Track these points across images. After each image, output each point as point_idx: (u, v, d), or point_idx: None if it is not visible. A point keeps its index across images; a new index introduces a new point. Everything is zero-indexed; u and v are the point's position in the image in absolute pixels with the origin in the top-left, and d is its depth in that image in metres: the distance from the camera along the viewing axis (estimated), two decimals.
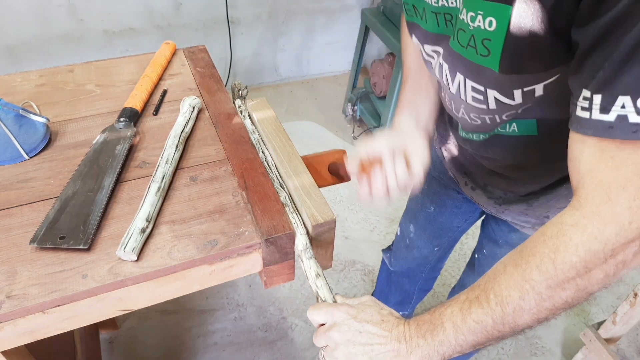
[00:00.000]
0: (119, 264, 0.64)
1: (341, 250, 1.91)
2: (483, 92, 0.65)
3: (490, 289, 0.53)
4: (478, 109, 0.69)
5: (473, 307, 0.53)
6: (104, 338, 1.58)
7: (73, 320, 0.63)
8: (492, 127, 0.73)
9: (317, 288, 0.65)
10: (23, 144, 0.80)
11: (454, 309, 0.54)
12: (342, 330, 0.57)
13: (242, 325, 1.65)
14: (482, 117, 0.71)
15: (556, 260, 0.49)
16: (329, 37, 2.81)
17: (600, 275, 0.49)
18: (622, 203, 0.47)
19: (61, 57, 2.28)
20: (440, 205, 1.11)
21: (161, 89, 0.99)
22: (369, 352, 0.56)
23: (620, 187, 0.47)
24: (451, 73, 0.69)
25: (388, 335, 0.56)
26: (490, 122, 0.71)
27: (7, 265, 0.63)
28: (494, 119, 0.70)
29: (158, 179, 0.73)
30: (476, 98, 0.67)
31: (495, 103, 0.65)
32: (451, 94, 0.72)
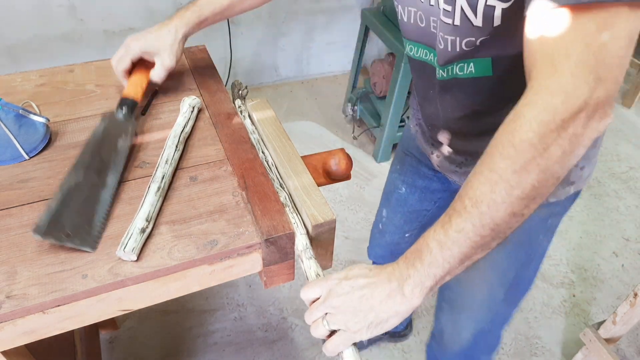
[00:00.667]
0: (119, 264, 0.64)
1: (341, 250, 1.91)
2: (452, 1, 0.64)
3: (465, 195, 0.53)
4: (446, 26, 0.68)
5: (452, 218, 0.53)
6: (104, 338, 1.58)
7: (73, 320, 0.63)
8: (453, 58, 0.72)
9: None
10: (23, 144, 0.80)
11: (436, 227, 0.55)
12: (338, 293, 0.59)
13: (242, 325, 1.65)
14: (446, 39, 0.70)
15: (514, 140, 0.50)
16: (329, 37, 2.81)
17: (558, 152, 0.49)
18: (566, 72, 0.47)
19: (61, 57, 2.28)
20: (411, 185, 1.11)
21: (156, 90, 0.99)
22: (367, 301, 0.57)
23: (564, 56, 0.47)
24: None
25: (377, 279, 0.58)
26: (451, 48, 0.70)
27: (7, 265, 0.63)
28: (455, 44, 0.69)
29: (158, 179, 0.73)
30: (446, 10, 0.66)
31: (460, 17, 0.65)
32: (429, 8, 0.71)
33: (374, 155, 2.38)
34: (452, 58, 0.72)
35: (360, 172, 2.28)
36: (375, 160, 2.36)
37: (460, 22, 0.65)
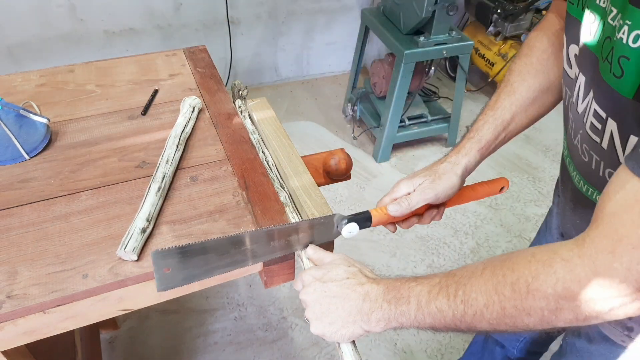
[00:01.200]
0: (119, 263, 0.64)
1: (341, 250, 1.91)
2: (603, 120, 0.56)
3: (462, 285, 0.53)
4: (591, 142, 0.60)
5: (440, 295, 0.54)
6: (104, 338, 1.58)
7: (73, 320, 0.63)
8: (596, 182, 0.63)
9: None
10: (23, 144, 0.80)
11: (424, 288, 0.55)
12: (309, 292, 0.61)
13: (242, 325, 1.65)
14: (591, 156, 0.62)
15: (532, 285, 0.48)
16: (329, 37, 2.81)
17: (570, 317, 0.47)
18: (624, 262, 0.44)
19: (61, 57, 2.28)
20: None
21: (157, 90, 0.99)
22: (335, 311, 0.58)
23: (631, 246, 0.44)
24: (586, 88, 0.60)
25: (352, 292, 0.59)
26: (594, 167, 0.62)
27: (7, 265, 0.63)
28: (599, 167, 0.61)
29: (158, 179, 0.74)
30: (594, 126, 0.58)
31: (609, 141, 0.57)
32: (576, 114, 0.64)
33: (374, 155, 2.38)
34: (594, 182, 0.64)
35: (360, 172, 2.28)
36: (375, 160, 2.36)
37: (608, 146, 0.58)
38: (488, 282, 0.51)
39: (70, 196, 0.74)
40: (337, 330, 0.58)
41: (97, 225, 0.70)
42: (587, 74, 0.59)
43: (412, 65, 2.03)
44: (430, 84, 2.75)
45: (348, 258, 0.64)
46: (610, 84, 0.52)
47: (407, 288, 0.56)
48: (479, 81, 2.95)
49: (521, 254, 0.52)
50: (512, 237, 2.00)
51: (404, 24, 2.05)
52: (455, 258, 1.90)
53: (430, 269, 1.85)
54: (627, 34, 0.48)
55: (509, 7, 2.35)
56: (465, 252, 1.93)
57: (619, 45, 0.49)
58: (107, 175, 0.79)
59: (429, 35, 2.00)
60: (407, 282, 0.57)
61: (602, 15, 0.55)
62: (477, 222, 2.05)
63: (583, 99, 0.61)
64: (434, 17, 1.93)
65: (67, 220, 0.70)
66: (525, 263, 0.50)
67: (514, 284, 0.49)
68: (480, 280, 0.52)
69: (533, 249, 0.51)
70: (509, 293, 0.49)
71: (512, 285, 0.49)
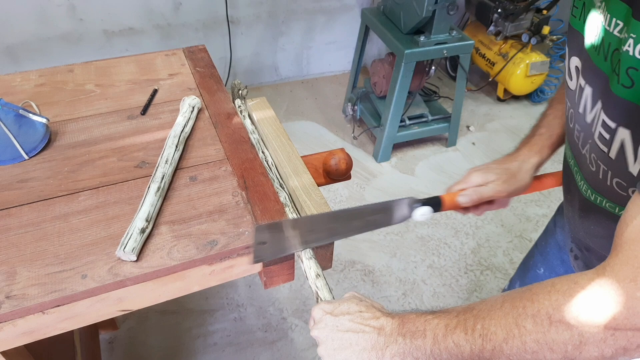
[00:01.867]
0: (119, 264, 0.64)
1: (341, 251, 1.91)
2: (612, 130, 0.56)
3: (480, 319, 0.51)
4: (599, 152, 0.60)
5: (458, 329, 0.52)
6: (104, 338, 1.57)
7: (73, 320, 0.63)
8: (603, 191, 0.63)
9: (316, 288, 0.65)
10: (23, 144, 0.80)
11: (441, 322, 0.53)
12: (320, 327, 0.58)
13: (242, 326, 1.65)
14: (598, 165, 0.62)
15: (553, 317, 0.47)
16: (329, 37, 2.81)
17: (595, 353, 0.45)
18: None
19: (61, 57, 2.28)
20: (550, 269, 0.99)
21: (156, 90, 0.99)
22: (348, 346, 0.56)
23: None
24: (594, 98, 0.60)
25: (366, 327, 0.56)
26: (602, 177, 0.62)
27: (6, 265, 0.63)
28: (606, 176, 0.61)
29: (158, 179, 0.73)
30: (602, 136, 0.58)
31: (618, 151, 0.56)
32: (584, 124, 0.63)
33: (374, 155, 2.38)
34: (602, 190, 0.64)
35: (360, 172, 2.28)
36: (375, 160, 2.36)
37: (616, 157, 0.57)
38: (508, 315, 0.49)
39: (70, 196, 0.74)
40: None
41: (97, 225, 0.69)
42: (594, 86, 0.59)
43: (413, 64, 2.03)
44: (430, 84, 2.75)
45: (357, 294, 0.62)
46: (619, 95, 0.52)
47: (423, 321, 0.54)
48: (479, 81, 2.94)
49: (540, 285, 0.50)
50: (513, 237, 1.99)
51: (405, 24, 2.05)
52: (455, 258, 1.90)
53: (430, 270, 1.84)
54: (633, 47, 0.49)
55: (510, 7, 2.35)
56: (465, 253, 1.92)
57: (625, 57, 0.50)
58: (106, 175, 0.78)
59: (430, 34, 2.00)
60: (422, 315, 0.55)
61: (604, 28, 0.55)
62: (478, 223, 2.05)
63: (591, 110, 0.60)
64: (435, 16, 1.93)
65: (67, 220, 0.70)
66: (545, 294, 0.49)
67: (535, 316, 0.47)
68: (499, 313, 0.50)
69: (552, 280, 0.50)
70: (530, 326, 0.47)
71: (533, 317, 0.48)
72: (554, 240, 0.97)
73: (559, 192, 2.21)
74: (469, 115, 2.68)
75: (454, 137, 2.43)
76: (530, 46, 2.48)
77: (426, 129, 2.35)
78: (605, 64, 0.55)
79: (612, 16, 0.53)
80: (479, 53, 2.72)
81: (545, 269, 1.00)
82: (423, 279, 1.82)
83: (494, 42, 2.61)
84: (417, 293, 1.77)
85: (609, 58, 0.55)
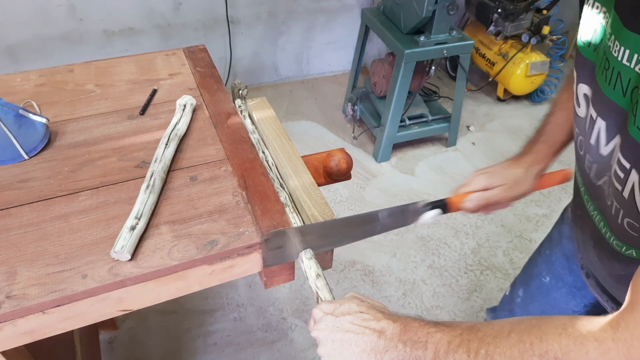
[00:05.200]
0: (119, 264, 0.64)
1: (341, 251, 1.91)
2: (627, 170, 0.54)
3: (485, 344, 0.51)
4: (614, 189, 0.58)
5: (461, 348, 0.51)
6: (104, 338, 1.57)
7: (73, 320, 0.63)
8: (612, 224, 0.62)
9: (317, 289, 0.65)
10: (23, 144, 0.80)
11: (444, 338, 0.53)
12: (320, 327, 0.58)
13: (242, 326, 1.65)
14: (612, 201, 0.60)
15: None
16: (329, 37, 2.81)
17: None
18: None
19: (61, 57, 2.28)
20: (557, 278, 0.96)
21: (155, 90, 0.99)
22: (347, 347, 0.56)
23: None
24: (609, 133, 0.58)
25: (365, 328, 0.56)
26: (614, 213, 0.60)
27: (6, 265, 0.63)
28: (618, 214, 0.59)
29: (147, 177, 0.74)
30: (617, 175, 0.56)
31: (630, 192, 0.55)
32: (598, 156, 0.61)
33: (374, 155, 2.38)
34: (613, 227, 0.62)
35: (360, 172, 2.28)
36: (375, 160, 2.36)
37: (629, 197, 0.55)
38: (514, 347, 0.49)
39: (70, 196, 0.74)
40: None
41: (97, 225, 0.69)
42: (609, 121, 0.57)
43: (413, 64, 2.03)
44: (430, 84, 2.75)
45: (358, 295, 0.62)
46: (635, 137, 0.51)
47: (426, 333, 0.54)
48: (479, 81, 2.94)
49: (551, 323, 0.50)
50: (513, 238, 1.99)
51: (405, 24, 2.05)
52: (455, 259, 1.90)
53: (430, 270, 1.84)
54: None
55: (510, 7, 2.35)
56: (465, 253, 1.92)
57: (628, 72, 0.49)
58: (106, 175, 0.78)
59: (430, 34, 2.00)
60: (426, 325, 0.55)
61: (620, 62, 0.53)
62: (478, 223, 2.05)
63: (606, 144, 0.59)
64: (435, 16, 1.93)
65: (67, 220, 0.70)
66: (556, 336, 0.48)
67: (542, 355, 0.47)
68: (505, 342, 0.50)
69: (563, 320, 0.49)
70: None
71: (540, 357, 0.47)
72: (560, 249, 0.95)
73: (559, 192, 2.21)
74: (469, 115, 2.68)
75: (454, 137, 2.43)
76: (530, 46, 2.48)
77: (426, 129, 2.35)
78: (624, 100, 0.53)
79: (632, 51, 0.51)
80: (479, 53, 2.72)
81: (551, 277, 0.98)
82: (423, 279, 1.81)
83: (494, 42, 2.61)
84: (417, 293, 1.77)
85: (627, 94, 0.53)
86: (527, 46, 2.48)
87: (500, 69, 2.57)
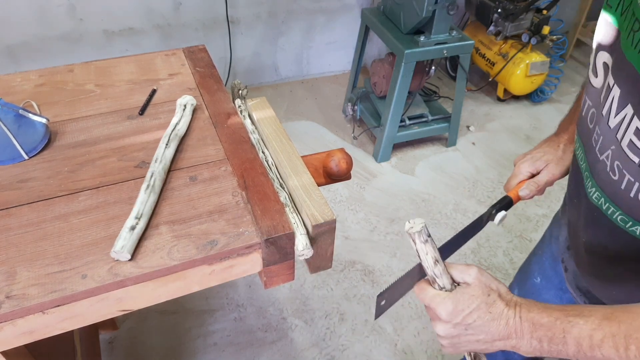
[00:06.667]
0: (119, 264, 0.64)
1: (341, 251, 1.91)
2: None
3: (634, 340, 0.48)
4: (627, 161, 0.55)
5: (606, 343, 0.50)
6: (104, 338, 1.57)
7: (73, 320, 0.63)
8: (619, 199, 0.60)
9: (435, 276, 0.60)
10: (22, 144, 0.80)
11: (583, 332, 0.51)
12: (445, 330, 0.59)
13: (242, 326, 1.65)
14: (623, 175, 0.57)
15: None
16: (329, 37, 2.81)
17: None
18: None
19: (61, 57, 2.28)
20: (547, 279, 0.97)
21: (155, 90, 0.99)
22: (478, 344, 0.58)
23: None
24: (621, 101, 0.56)
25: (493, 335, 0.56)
26: (625, 187, 0.58)
27: (6, 265, 0.63)
28: (631, 187, 0.57)
29: (147, 178, 0.74)
30: (634, 145, 0.53)
31: None
32: (606, 128, 0.59)
33: (374, 155, 2.38)
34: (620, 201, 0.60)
35: (360, 172, 2.28)
36: (375, 160, 2.36)
37: None
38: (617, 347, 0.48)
39: (70, 196, 0.74)
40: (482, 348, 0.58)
41: (97, 225, 0.69)
42: (624, 87, 0.55)
43: (413, 64, 2.03)
44: (430, 84, 2.75)
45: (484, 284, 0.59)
46: None
47: (561, 329, 0.52)
48: (479, 81, 2.94)
49: None
50: (513, 237, 1.99)
51: (405, 24, 2.05)
52: (455, 258, 1.90)
53: None
54: None
55: (510, 7, 2.35)
56: (465, 253, 1.92)
57: None
58: (106, 175, 0.78)
59: (430, 34, 2.00)
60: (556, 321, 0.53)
61: None
62: None
63: (616, 114, 0.57)
64: (435, 16, 1.93)
65: (67, 220, 0.70)
66: None
67: None
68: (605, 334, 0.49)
69: None
70: None
71: None
72: (549, 250, 0.96)
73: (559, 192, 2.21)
74: (469, 115, 2.68)
75: (454, 137, 2.43)
76: (530, 46, 2.48)
77: (426, 129, 2.35)
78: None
79: None
80: (479, 53, 2.72)
81: (542, 278, 0.99)
82: None
83: (494, 42, 2.61)
84: None
85: None
86: (527, 46, 2.48)
87: (500, 69, 2.57)
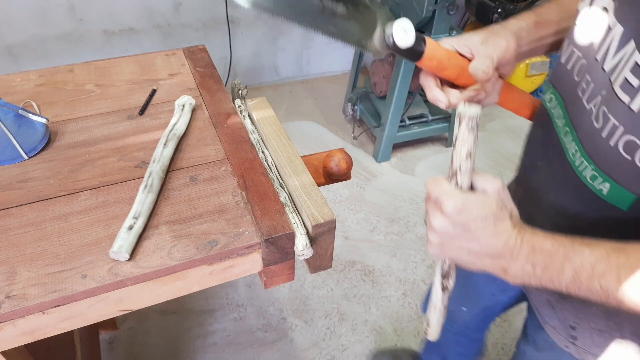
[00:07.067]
0: (119, 264, 0.64)
1: (341, 251, 1.91)
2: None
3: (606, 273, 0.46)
4: (617, 103, 0.52)
5: (609, 274, 0.47)
6: (104, 338, 1.57)
7: (73, 320, 0.63)
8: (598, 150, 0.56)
9: (459, 170, 0.53)
10: (22, 144, 0.80)
11: (585, 261, 0.48)
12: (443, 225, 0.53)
13: (242, 326, 1.65)
14: (607, 120, 0.54)
15: None
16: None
17: None
18: None
19: (61, 57, 2.28)
20: None
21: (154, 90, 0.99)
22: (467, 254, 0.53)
23: None
24: (623, 40, 0.52)
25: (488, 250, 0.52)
26: (605, 136, 0.54)
27: (6, 265, 0.63)
28: (612, 134, 0.53)
29: (145, 177, 0.74)
30: (628, 83, 0.50)
31: None
32: (599, 74, 0.55)
33: (374, 155, 2.38)
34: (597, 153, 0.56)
35: (360, 172, 2.28)
36: (375, 160, 2.36)
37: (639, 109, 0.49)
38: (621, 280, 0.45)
39: (70, 196, 0.74)
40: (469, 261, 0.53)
41: (97, 225, 0.69)
42: (627, 25, 0.52)
43: (413, 64, 2.03)
44: None
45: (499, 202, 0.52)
46: None
47: (563, 255, 0.49)
48: None
49: None
50: None
51: None
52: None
53: (430, 270, 1.84)
54: None
55: (510, 7, 2.35)
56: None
57: None
58: (106, 175, 0.78)
59: (430, 34, 2.00)
60: (559, 248, 0.49)
61: None
62: None
63: (615, 54, 0.53)
64: (435, 16, 1.93)
65: (66, 220, 0.70)
66: None
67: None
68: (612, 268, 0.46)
69: None
70: None
71: None
72: None
73: None
74: None
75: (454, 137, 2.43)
76: None
77: (426, 129, 2.35)
78: None
79: None
80: None
81: None
82: (423, 279, 1.81)
83: None
84: (417, 293, 1.77)
85: None
86: None
87: None
